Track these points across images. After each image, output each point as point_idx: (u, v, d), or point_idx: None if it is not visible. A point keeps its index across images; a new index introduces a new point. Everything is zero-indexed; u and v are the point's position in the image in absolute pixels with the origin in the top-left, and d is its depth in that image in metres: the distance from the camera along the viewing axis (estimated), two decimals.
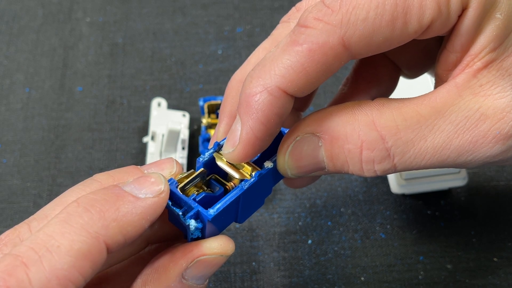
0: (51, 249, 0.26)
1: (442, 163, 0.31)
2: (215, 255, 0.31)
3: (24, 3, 0.61)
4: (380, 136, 0.31)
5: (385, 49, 0.31)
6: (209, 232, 0.32)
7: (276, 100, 0.30)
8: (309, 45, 0.30)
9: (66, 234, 0.27)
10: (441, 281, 0.45)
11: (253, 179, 0.32)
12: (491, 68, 0.31)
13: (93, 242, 0.27)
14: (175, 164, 0.33)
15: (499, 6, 0.31)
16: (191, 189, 0.32)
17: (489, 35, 0.31)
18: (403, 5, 0.29)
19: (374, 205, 0.49)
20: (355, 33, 0.29)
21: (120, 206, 0.28)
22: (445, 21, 0.30)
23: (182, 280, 0.31)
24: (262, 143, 0.31)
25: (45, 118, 0.54)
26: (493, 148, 0.31)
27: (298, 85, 0.30)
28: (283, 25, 0.35)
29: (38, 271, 0.26)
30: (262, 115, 0.30)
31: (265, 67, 0.30)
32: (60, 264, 0.26)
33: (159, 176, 0.30)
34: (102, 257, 0.27)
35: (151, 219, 0.29)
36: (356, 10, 0.29)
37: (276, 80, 0.30)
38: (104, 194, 0.29)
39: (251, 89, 0.30)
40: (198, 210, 0.31)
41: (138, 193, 0.29)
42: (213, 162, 0.33)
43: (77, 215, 0.27)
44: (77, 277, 0.26)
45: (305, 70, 0.30)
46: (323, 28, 0.30)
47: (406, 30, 0.30)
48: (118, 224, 0.28)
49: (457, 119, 0.31)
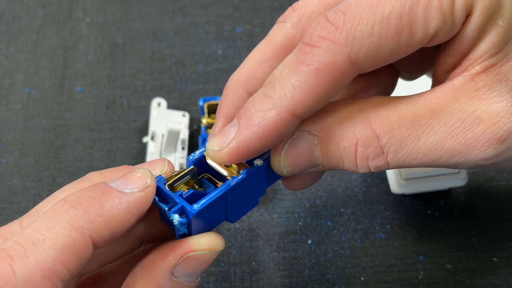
0: (36, 242, 0.27)
1: (434, 163, 0.32)
2: (204, 251, 0.31)
3: (24, 3, 0.61)
4: (375, 134, 0.31)
5: (392, 61, 0.31)
6: (196, 228, 0.31)
7: (281, 122, 0.30)
8: (316, 66, 0.29)
9: (51, 229, 0.27)
10: (441, 281, 0.45)
11: (241, 176, 0.32)
12: (489, 72, 0.31)
13: (78, 236, 0.27)
14: (167, 163, 0.33)
15: (502, 13, 0.31)
16: (181, 187, 0.32)
17: (490, 41, 0.31)
18: (407, 17, 0.29)
19: (374, 205, 0.49)
20: (361, 49, 0.29)
21: (105, 201, 0.29)
22: (450, 29, 0.30)
23: (172, 278, 0.31)
24: (251, 155, 0.31)
25: (45, 118, 0.54)
26: (485, 151, 0.31)
27: (307, 106, 0.30)
28: (279, 25, 0.35)
29: (23, 263, 0.26)
30: (262, 132, 0.30)
31: (275, 86, 0.30)
32: (45, 257, 0.26)
33: (145, 171, 0.31)
34: (88, 251, 0.28)
35: (137, 213, 0.30)
36: (361, 25, 0.29)
37: (285, 102, 0.30)
38: (90, 190, 0.29)
39: (260, 104, 0.30)
40: (182, 205, 0.31)
41: (124, 188, 0.30)
42: (204, 161, 0.33)
43: (63, 211, 0.28)
44: (61, 270, 0.27)
45: (313, 90, 0.30)
46: (329, 47, 0.29)
47: (411, 41, 0.30)
48: (103, 218, 0.28)
49: (451, 121, 0.31)
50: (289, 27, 0.34)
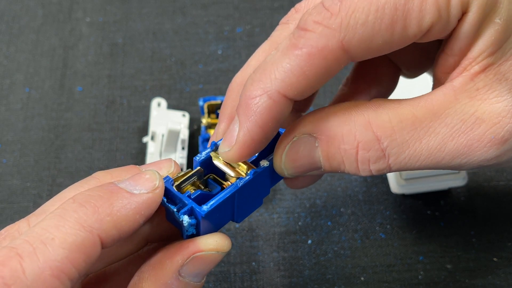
0: (46, 241, 0.27)
1: (437, 165, 0.32)
2: (211, 251, 0.31)
3: (24, 3, 0.61)
4: (376, 137, 0.31)
5: (384, 52, 0.31)
6: (204, 229, 0.32)
7: (275, 104, 0.30)
8: (308, 49, 0.30)
9: (60, 228, 0.27)
10: (441, 281, 0.45)
11: (248, 177, 0.32)
12: (489, 72, 0.31)
13: (86, 235, 0.28)
14: (173, 164, 0.33)
15: (499, 11, 0.31)
16: (188, 188, 0.33)
17: (487, 39, 0.31)
18: (402, 9, 0.29)
19: (374, 205, 0.49)
20: (354, 37, 0.30)
21: (114, 201, 0.29)
22: (445, 25, 0.30)
23: (178, 277, 0.31)
24: (259, 145, 0.31)
25: (45, 118, 0.54)
26: (487, 152, 0.31)
27: (298, 89, 0.30)
28: (282, 26, 0.35)
29: (32, 261, 0.26)
30: (260, 118, 0.30)
31: (266, 70, 0.30)
32: (54, 255, 0.27)
33: (154, 173, 0.31)
34: (96, 250, 0.28)
35: (145, 214, 0.30)
36: (356, 13, 0.29)
37: (276, 84, 0.30)
38: (99, 190, 0.29)
39: (251, 91, 0.30)
40: (191, 206, 0.31)
41: (133, 189, 0.30)
42: (210, 161, 0.33)
43: (72, 210, 0.28)
44: (70, 268, 0.27)
45: (304, 74, 0.30)
46: (322, 32, 0.30)
47: (405, 34, 0.30)
48: (112, 218, 0.28)
49: (453, 122, 0.31)
50: (291, 29, 0.34)
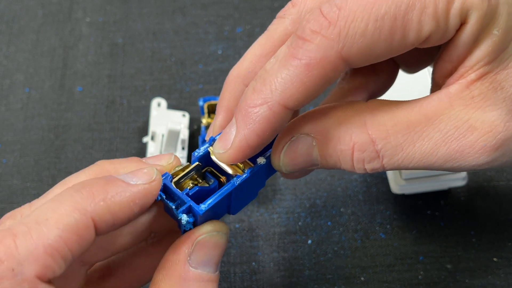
0: (40, 222, 0.28)
1: (429, 167, 0.32)
2: (211, 232, 0.32)
3: (24, 3, 0.61)
4: (371, 139, 0.32)
5: (383, 59, 0.31)
6: (201, 224, 0.33)
7: (275, 115, 0.31)
8: (307, 61, 0.30)
9: (55, 209, 0.28)
10: (441, 281, 0.45)
11: (245, 175, 0.33)
12: (484, 80, 0.32)
13: (80, 217, 0.28)
14: (174, 157, 0.34)
15: (497, 22, 0.31)
16: (187, 182, 0.33)
17: (485, 49, 0.31)
18: (402, 19, 0.30)
19: (374, 205, 0.49)
20: (353, 47, 0.30)
21: (109, 188, 0.30)
22: (443, 34, 0.31)
23: (190, 269, 0.32)
24: (254, 151, 0.32)
25: (45, 118, 0.54)
26: (479, 158, 0.32)
27: (298, 99, 0.31)
28: (278, 20, 0.36)
29: (26, 239, 0.27)
30: (258, 127, 0.31)
31: (266, 80, 0.31)
32: (47, 234, 0.28)
33: (152, 168, 0.32)
34: (90, 233, 0.29)
35: (140, 203, 0.31)
36: (355, 23, 0.30)
37: (276, 95, 0.30)
38: (97, 179, 0.31)
39: (251, 100, 0.31)
40: (190, 205, 0.32)
41: (130, 180, 0.31)
42: (208, 156, 0.34)
43: (68, 195, 0.29)
44: (63, 248, 0.28)
45: (304, 84, 0.30)
46: (321, 43, 0.30)
47: (404, 43, 0.31)
48: (105, 203, 0.29)
49: (446, 128, 0.31)
50: (288, 23, 0.35)
